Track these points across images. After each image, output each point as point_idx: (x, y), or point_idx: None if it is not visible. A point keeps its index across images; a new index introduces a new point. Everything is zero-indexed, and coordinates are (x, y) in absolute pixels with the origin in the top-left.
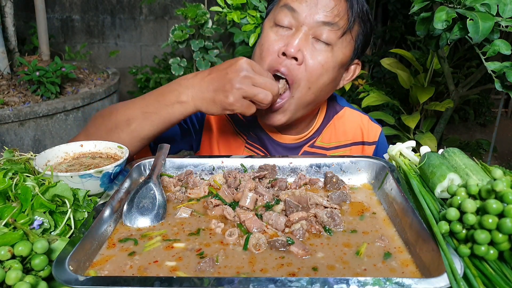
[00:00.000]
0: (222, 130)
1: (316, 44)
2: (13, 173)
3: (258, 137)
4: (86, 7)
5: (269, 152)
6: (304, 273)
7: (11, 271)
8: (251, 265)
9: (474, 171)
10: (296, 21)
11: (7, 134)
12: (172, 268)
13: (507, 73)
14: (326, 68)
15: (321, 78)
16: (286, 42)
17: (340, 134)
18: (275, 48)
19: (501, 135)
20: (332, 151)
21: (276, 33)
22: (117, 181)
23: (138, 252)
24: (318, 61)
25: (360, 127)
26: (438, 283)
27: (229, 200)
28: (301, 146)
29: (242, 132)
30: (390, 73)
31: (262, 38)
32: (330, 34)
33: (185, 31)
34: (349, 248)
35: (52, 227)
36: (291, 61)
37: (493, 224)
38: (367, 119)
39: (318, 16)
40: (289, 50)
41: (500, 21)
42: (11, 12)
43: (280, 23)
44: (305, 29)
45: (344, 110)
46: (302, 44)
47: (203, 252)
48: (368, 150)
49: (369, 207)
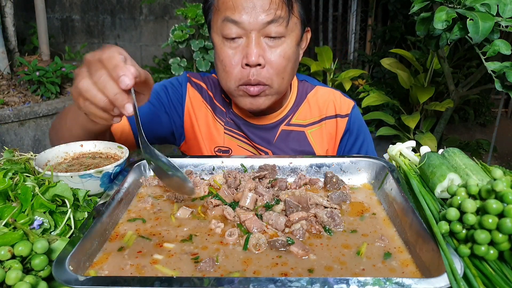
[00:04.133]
0: (202, 118)
1: (269, 42)
2: (13, 173)
3: (235, 122)
4: (86, 7)
5: (247, 135)
6: (305, 273)
7: (11, 271)
8: (249, 265)
9: (474, 171)
10: (243, 29)
11: (7, 134)
12: (171, 268)
13: (507, 73)
14: (287, 57)
15: (288, 66)
16: (244, 53)
17: (315, 110)
18: (236, 60)
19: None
20: (309, 128)
21: (230, 46)
22: (117, 181)
23: (135, 251)
24: (278, 55)
25: (332, 101)
26: (438, 283)
27: (229, 200)
28: (277, 125)
29: (219, 118)
30: (390, 73)
31: (219, 54)
32: (278, 29)
33: (185, 31)
34: (349, 249)
35: (52, 227)
36: (256, 68)
37: (493, 224)
38: (339, 94)
39: (261, 17)
40: (250, 60)
41: (500, 21)
42: (11, 12)
43: (229, 37)
44: (254, 34)
45: (316, 88)
46: (258, 49)
47: (203, 253)
48: (341, 122)
49: (369, 208)
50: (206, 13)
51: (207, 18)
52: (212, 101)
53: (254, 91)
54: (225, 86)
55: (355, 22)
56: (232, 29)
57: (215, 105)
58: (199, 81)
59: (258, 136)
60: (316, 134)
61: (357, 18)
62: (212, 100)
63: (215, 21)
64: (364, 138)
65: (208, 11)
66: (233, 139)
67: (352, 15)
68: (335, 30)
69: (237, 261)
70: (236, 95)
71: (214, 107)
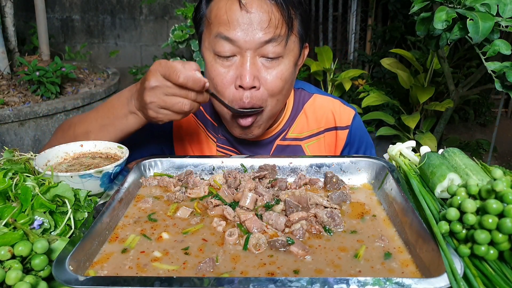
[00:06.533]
0: (193, 134)
1: (266, 63)
2: (13, 173)
3: (227, 139)
4: (86, 7)
5: (240, 152)
6: (306, 274)
7: (11, 271)
8: (249, 265)
9: (474, 171)
10: (237, 47)
11: (7, 134)
12: (170, 267)
13: (507, 73)
14: (284, 79)
15: (284, 88)
16: (238, 74)
17: (312, 122)
18: (228, 80)
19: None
20: (305, 141)
21: (222, 65)
22: (117, 181)
23: (135, 251)
24: (275, 77)
25: (331, 111)
26: (438, 283)
27: (229, 200)
28: (272, 140)
29: (212, 134)
30: (390, 73)
31: (210, 71)
32: (276, 49)
33: (185, 31)
34: (348, 250)
35: (52, 227)
36: (251, 91)
37: (493, 224)
38: (338, 103)
39: (258, 36)
40: (245, 83)
41: (500, 21)
42: (11, 12)
43: (221, 54)
44: (249, 54)
45: (314, 97)
46: (253, 70)
47: (203, 253)
48: (341, 135)
49: (369, 208)
50: (197, 24)
51: (198, 30)
52: (204, 116)
53: (246, 122)
54: (217, 108)
55: (355, 22)
56: (225, 46)
57: (207, 120)
58: None
59: (252, 152)
60: (314, 148)
61: (357, 18)
62: (203, 114)
63: (207, 35)
64: (366, 147)
65: (200, 22)
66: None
67: (352, 15)
68: (335, 30)
69: (237, 261)
70: (228, 120)
71: (206, 122)
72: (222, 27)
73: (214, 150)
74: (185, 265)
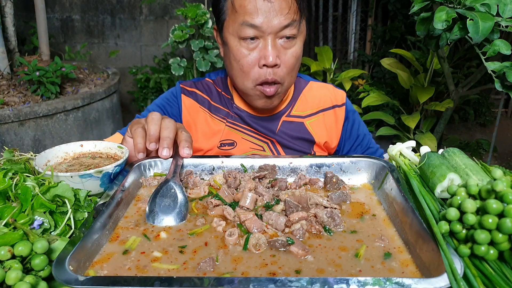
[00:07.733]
0: (202, 121)
1: (284, 43)
2: (13, 173)
3: (239, 115)
4: (86, 7)
5: (252, 126)
6: (307, 274)
7: (11, 271)
8: (249, 265)
9: (474, 171)
10: (260, 32)
11: (7, 134)
12: (170, 267)
13: (507, 73)
14: (297, 57)
15: (297, 64)
16: (262, 55)
17: (311, 103)
18: (253, 60)
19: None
20: (307, 119)
21: (247, 47)
22: (117, 181)
23: (136, 252)
24: (291, 55)
25: (327, 94)
26: (438, 283)
27: (229, 200)
28: (279, 117)
29: (219, 115)
30: (390, 73)
31: (235, 54)
32: (292, 31)
33: (185, 31)
34: (348, 250)
35: (52, 227)
36: (273, 69)
37: (493, 224)
38: (331, 87)
39: (278, 21)
40: (268, 62)
41: (500, 21)
42: (11, 12)
43: (246, 37)
44: (271, 37)
45: (310, 84)
46: (275, 50)
47: (204, 252)
48: (339, 111)
49: (369, 208)
50: (218, 12)
51: (220, 18)
52: (209, 104)
53: (271, 91)
54: (241, 86)
55: (355, 22)
56: (250, 31)
57: (212, 106)
58: (192, 88)
59: (262, 126)
60: (315, 124)
61: (357, 18)
62: (209, 102)
63: (231, 23)
64: (359, 121)
65: (222, 11)
66: (238, 132)
67: (352, 15)
68: (335, 30)
69: (237, 261)
70: (252, 94)
71: (210, 107)
72: (248, 16)
73: (222, 127)
74: (185, 265)
